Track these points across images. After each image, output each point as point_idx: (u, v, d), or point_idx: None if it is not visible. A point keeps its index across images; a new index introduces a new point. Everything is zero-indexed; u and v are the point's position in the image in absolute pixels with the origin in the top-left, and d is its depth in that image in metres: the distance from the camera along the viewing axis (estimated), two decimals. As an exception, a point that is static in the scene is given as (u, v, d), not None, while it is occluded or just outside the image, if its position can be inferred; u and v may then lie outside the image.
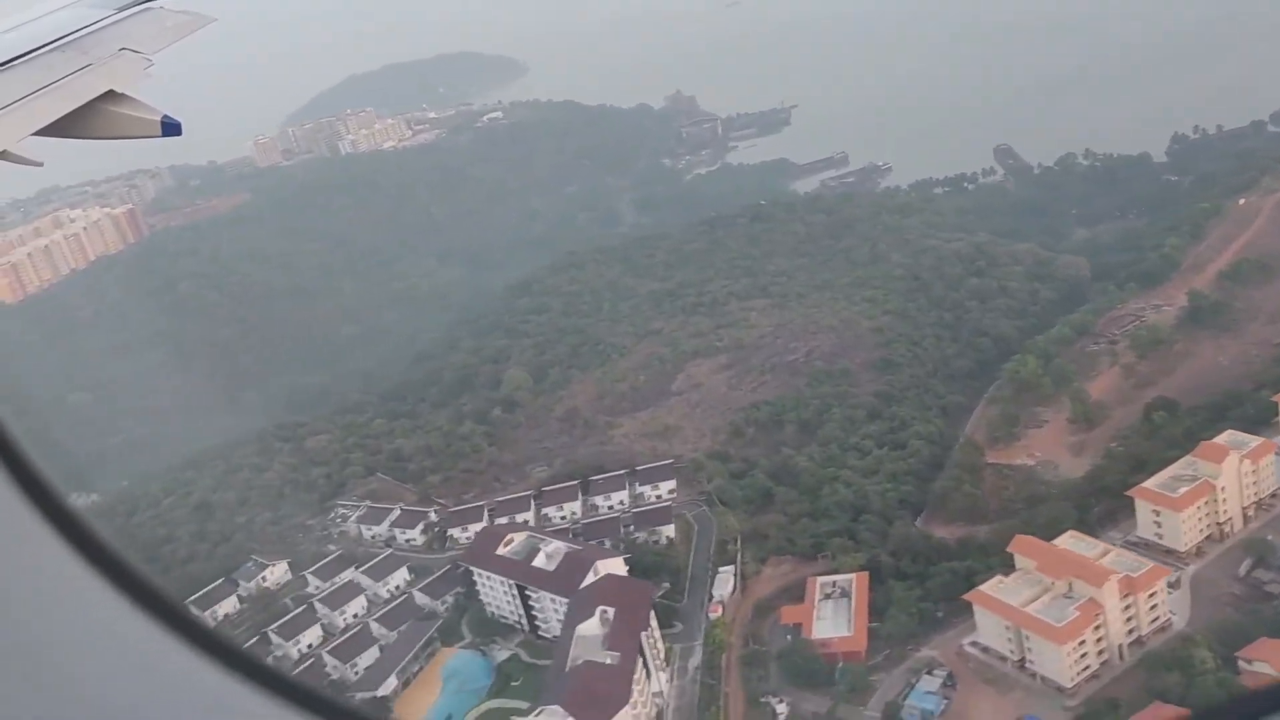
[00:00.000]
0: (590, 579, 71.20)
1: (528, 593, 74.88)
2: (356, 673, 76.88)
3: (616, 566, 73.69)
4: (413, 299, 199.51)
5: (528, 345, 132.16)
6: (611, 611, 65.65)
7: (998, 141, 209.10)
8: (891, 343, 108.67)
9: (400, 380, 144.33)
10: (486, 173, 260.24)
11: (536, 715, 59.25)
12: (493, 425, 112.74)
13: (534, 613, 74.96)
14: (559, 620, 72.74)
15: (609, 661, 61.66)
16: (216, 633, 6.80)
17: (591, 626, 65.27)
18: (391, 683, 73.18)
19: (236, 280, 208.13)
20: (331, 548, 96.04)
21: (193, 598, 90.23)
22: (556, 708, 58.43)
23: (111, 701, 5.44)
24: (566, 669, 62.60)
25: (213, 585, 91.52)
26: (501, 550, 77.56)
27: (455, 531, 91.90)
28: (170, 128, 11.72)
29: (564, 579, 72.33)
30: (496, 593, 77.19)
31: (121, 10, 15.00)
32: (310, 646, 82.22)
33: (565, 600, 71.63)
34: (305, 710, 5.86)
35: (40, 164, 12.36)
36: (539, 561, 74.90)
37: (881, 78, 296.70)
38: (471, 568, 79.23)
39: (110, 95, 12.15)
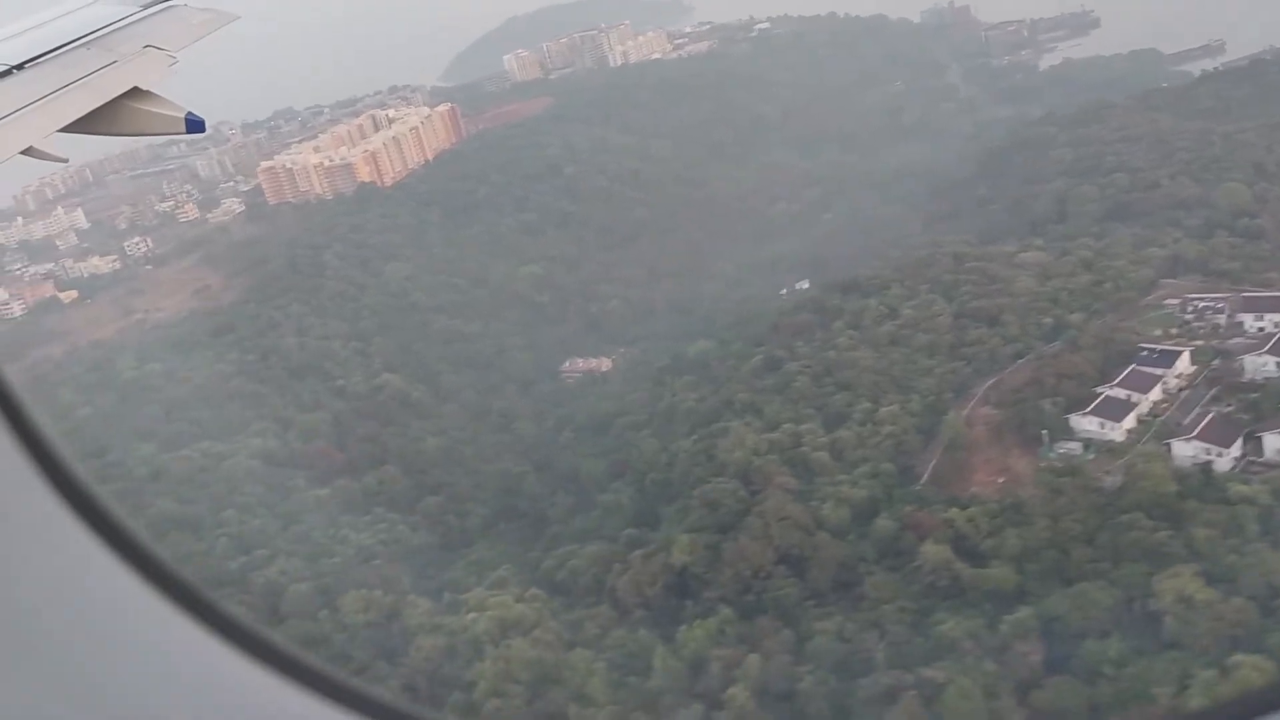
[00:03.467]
0: None
1: None
2: None
3: None
4: (815, 180, 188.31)
5: (1171, 173, 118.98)
6: None
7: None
8: None
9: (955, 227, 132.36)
10: (790, 77, 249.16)
11: None
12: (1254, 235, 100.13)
13: None
14: None
15: None
16: (233, 615, 5.77)
17: None
18: None
19: (611, 168, 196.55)
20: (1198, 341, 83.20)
21: (1105, 387, 78.22)
22: None
23: (122, 687, 5.31)
24: None
25: (1125, 373, 78.90)
26: None
27: None
28: (194, 125, 11.40)
29: None
30: None
31: (145, 8, 14.79)
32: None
33: None
34: (319, 694, 5.59)
35: (65, 160, 12.71)
36: None
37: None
38: None
39: (135, 92, 11.95)
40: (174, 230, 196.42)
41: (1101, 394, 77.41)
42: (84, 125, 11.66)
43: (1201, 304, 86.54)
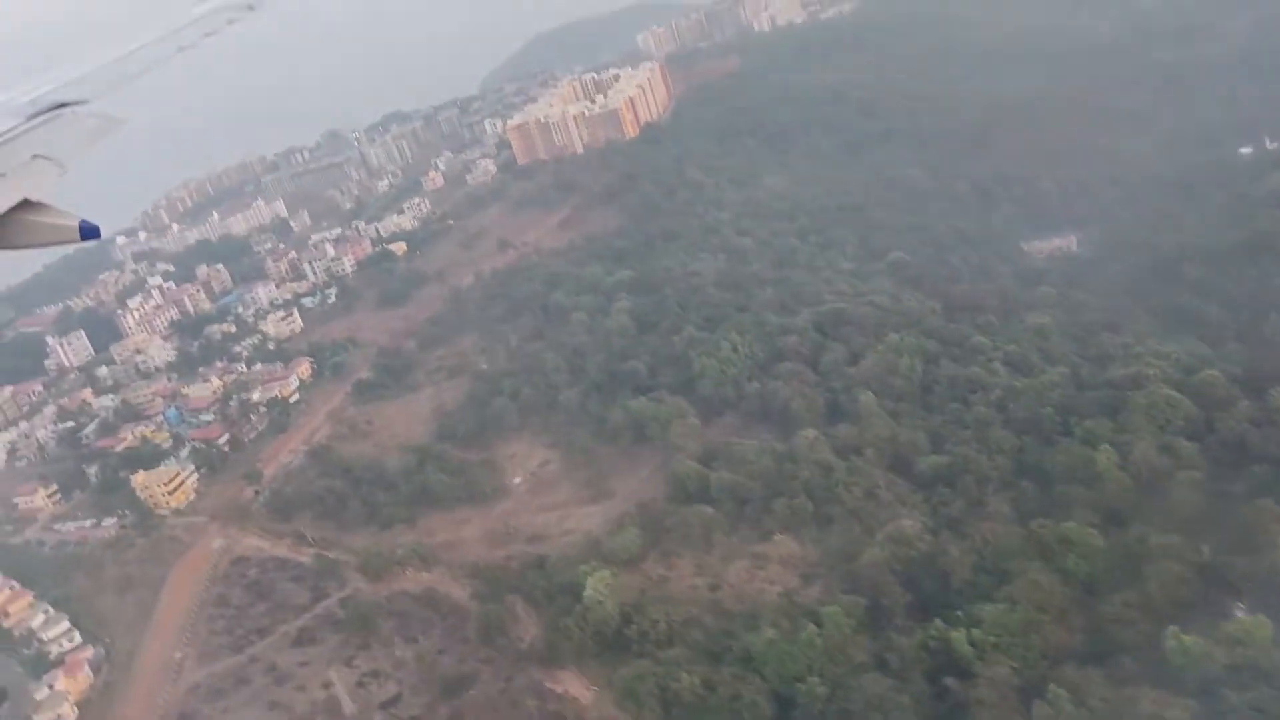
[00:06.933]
0: None
1: None
2: None
3: None
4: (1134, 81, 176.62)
5: None
6: None
7: None
8: None
9: None
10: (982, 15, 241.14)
11: None
12: None
13: None
14: None
15: None
16: None
17: None
18: None
19: (865, 96, 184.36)
20: None
21: None
22: None
23: None
24: None
25: None
26: None
27: None
28: (88, 232, 11.22)
29: None
30: None
31: (32, 119, 14.92)
32: None
33: None
34: None
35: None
36: None
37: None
38: None
39: (26, 204, 11.91)
40: (436, 194, 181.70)
41: None
42: None
43: None
